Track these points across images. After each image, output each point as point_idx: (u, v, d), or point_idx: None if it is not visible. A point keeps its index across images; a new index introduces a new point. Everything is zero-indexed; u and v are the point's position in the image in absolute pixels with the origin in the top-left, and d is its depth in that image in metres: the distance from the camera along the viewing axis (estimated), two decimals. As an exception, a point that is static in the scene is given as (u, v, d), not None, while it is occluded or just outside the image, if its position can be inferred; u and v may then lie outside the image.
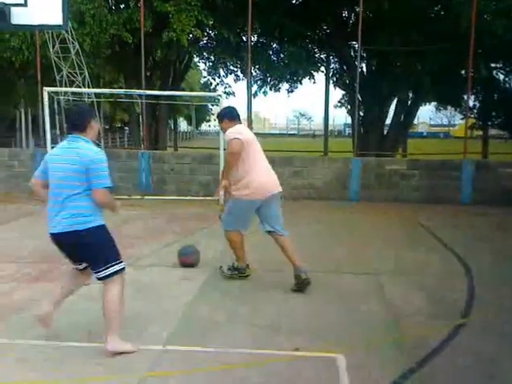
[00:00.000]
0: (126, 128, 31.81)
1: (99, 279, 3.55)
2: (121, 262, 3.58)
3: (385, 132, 15.74)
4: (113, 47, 12.67)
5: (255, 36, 14.43)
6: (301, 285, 4.86)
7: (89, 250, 3.55)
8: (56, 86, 10.11)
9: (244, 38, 14.00)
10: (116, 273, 3.53)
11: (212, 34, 14.55)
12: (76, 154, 3.49)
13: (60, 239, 3.60)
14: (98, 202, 3.51)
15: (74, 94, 10.33)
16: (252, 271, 5.34)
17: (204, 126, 50.98)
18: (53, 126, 9.94)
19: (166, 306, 4.43)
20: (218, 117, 5.40)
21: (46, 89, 9.51)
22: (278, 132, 60.84)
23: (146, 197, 10.21)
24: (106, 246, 3.58)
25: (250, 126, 12.47)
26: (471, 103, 15.10)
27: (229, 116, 5.16)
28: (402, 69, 13.34)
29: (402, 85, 13.90)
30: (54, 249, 6.21)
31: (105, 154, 3.59)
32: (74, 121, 3.67)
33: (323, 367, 3.39)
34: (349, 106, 17.47)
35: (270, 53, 15.58)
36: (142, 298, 4.62)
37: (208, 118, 43.76)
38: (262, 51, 14.81)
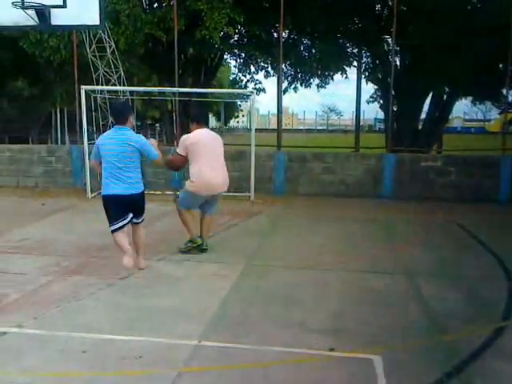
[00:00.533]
0: (157, 125, 32.12)
1: (139, 223, 5.31)
2: None
3: (419, 127, 15.48)
4: (146, 46, 12.83)
5: (286, 32, 14.37)
6: (196, 248, 6.02)
7: (142, 204, 5.27)
8: (93, 85, 10.30)
9: (275, 34, 13.99)
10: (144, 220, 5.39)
11: (243, 31, 14.57)
12: (127, 139, 4.92)
13: (129, 198, 5.03)
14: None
15: (109, 91, 10.51)
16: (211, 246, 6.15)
17: (232, 122, 51.16)
18: (89, 123, 10.14)
19: (199, 302, 4.48)
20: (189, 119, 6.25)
21: (84, 87, 9.71)
22: (306, 128, 60.25)
23: (178, 192, 10.30)
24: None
25: (279, 122, 12.45)
26: (510, 98, 14.72)
27: (196, 121, 6.03)
28: (437, 63, 13.08)
29: (437, 79, 13.64)
30: (91, 242, 6.42)
31: None
32: (117, 115, 5.02)
33: (359, 368, 3.36)
34: (381, 101, 17.24)
35: (301, 48, 15.52)
36: (176, 293, 4.71)
37: (236, 114, 44.00)
38: (293, 47, 14.76)
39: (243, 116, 48.46)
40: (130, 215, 5.09)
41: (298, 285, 4.99)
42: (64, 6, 7.89)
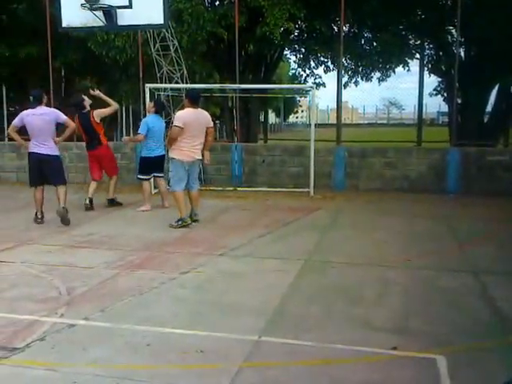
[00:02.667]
0: (217, 122, 32.40)
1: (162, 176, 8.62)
2: None
3: (485, 120, 14.87)
4: (208, 44, 12.99)
5: (347, 26, 14.15)
6: (194, 221, 7.24)
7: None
8: (156, 83, 10.54)
9: (335, 28, 13.82)
10: None
11: (303, 26, 14.47)
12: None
13: (161, 158, 8.47)
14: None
15: (172, 89, 10.71)
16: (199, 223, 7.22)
17: (291, 118, 50.97)
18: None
19: (260, 297, 4.49)
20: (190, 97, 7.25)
21: (148, 85, 9.96)
22: (366, 122, 58.98)
23: (238, 188, 10.40)
24: None
25: (339, 117, 12.28)
26: None
27: (190, 99, 7.14)
28: (504, 53, 12.48)
29: (504, 70, 13.03)
30: (153, 238, 6.59)
31: None
32: (160, 107, 8.62)
33: (422, 368, 3.26)
34: (445, 94, 16.69)
35: (362, 42, 15.25)
36: (236, 288, 4.74)
37: (296, 109, 43.68)
38: (354, 41, 14.53)
39: (302, 111, 48.16)
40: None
41: (360, 282, 4.91)
42: (130, 6, 8.17)
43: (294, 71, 18.43)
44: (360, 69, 15.98)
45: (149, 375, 3.18)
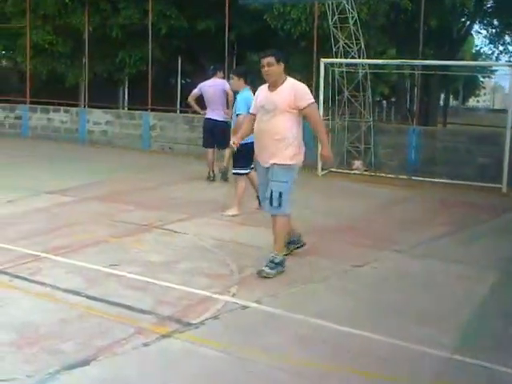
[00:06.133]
0: (384, 102, 31.05)
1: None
2: None
3: None
4: (388, 16, 12.23)
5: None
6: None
7: None
8: (330, 57, 10.09)
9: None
10: None
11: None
12: None
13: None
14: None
15: (347, 65, 10.18)
16: None
17: (471, 102, 46.83)
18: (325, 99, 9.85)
19: (446, 306, 3.94)
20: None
21: (323, 60, 9.56)
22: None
23: (413, 177, 9.48)
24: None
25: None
26: None
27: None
28: None
29: None
30: (323, 222, 6.26)
31: None
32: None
33: None
34: None
35: None
36: (416, 292, 4.22)
37: (477, 92, 40.15)
38: None
39: (485, 94, 44.21)
40: None
41: None
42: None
43: (478, 48, 16.75)
44: None
45: (322, 375, 2.93)
